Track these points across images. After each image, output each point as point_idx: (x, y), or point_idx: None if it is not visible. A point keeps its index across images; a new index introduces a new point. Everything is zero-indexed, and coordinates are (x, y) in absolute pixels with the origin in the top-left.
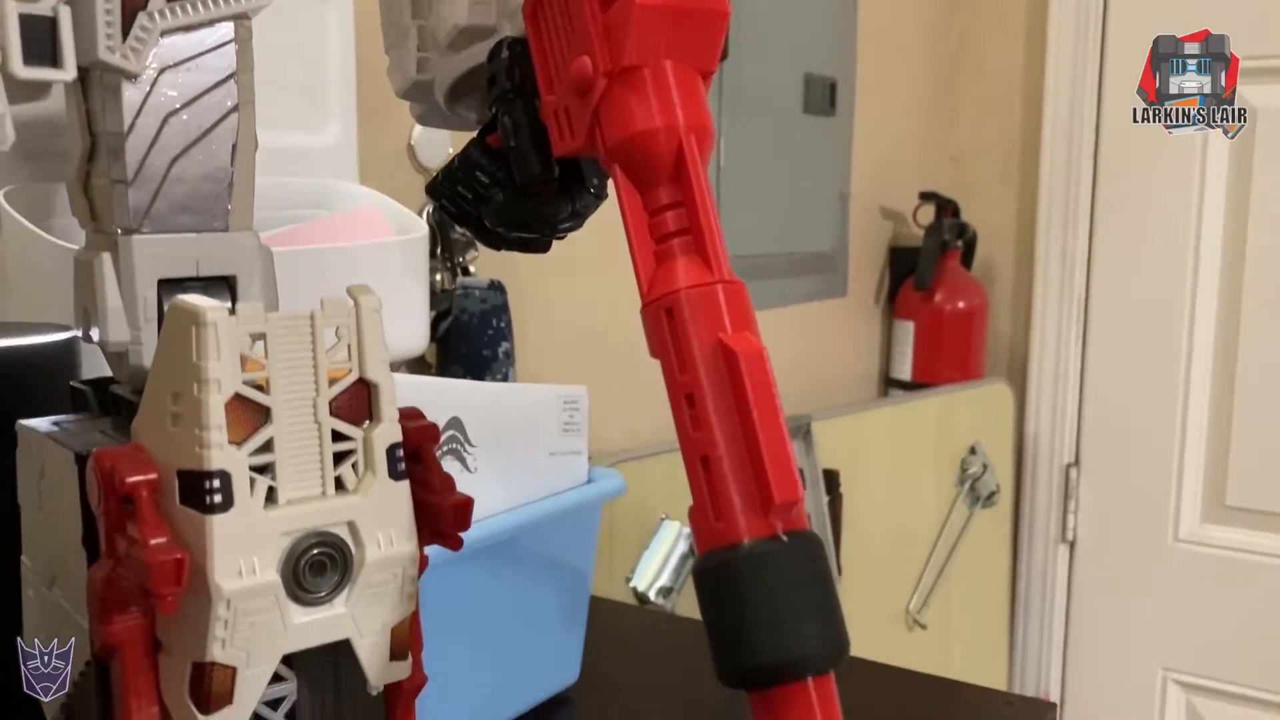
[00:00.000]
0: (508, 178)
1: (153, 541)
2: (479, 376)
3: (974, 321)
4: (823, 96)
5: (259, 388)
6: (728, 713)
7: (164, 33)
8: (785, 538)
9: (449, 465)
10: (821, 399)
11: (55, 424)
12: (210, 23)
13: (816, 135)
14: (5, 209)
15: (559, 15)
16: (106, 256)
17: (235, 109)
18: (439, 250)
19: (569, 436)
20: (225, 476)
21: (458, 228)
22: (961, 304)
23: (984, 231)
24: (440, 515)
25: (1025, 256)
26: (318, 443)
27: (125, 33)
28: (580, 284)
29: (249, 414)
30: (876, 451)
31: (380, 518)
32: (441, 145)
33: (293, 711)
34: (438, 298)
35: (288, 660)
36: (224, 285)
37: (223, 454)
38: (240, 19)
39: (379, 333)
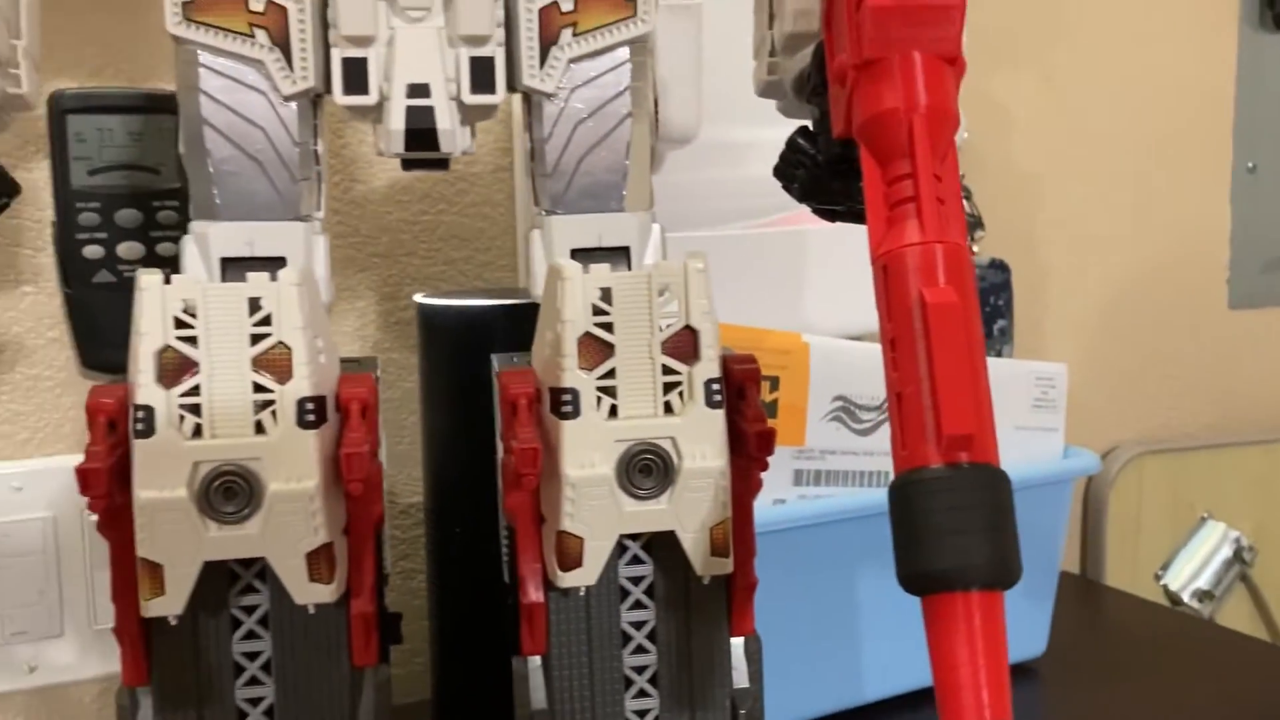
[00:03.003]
0: (818, 158)
1: (520, 435)
2: None
3: None
4: None
5: (606, 329)
6: None
7: (572, 60)
8: (965, 467)
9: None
10: None
11: (512, 357)
12: (609, 49)
13: None
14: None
15: (838, 20)
16: (536, 233)
17: (629, 115)
18: None
19: (1041, 412)
20: (575, 393)
21: None
22: None
23: None
24: (746, 440)
25: None
26: (651, 374)
27: (542, 63)
28: (1113, 268)
29: (598, 349)
30: None
31: (697, 436)
32: None
33: (650, 589)
34: None
35: (648, 549)
36: (623, 253)
37: (574, 376)
38: (633, 43)
39: (703, 289)
